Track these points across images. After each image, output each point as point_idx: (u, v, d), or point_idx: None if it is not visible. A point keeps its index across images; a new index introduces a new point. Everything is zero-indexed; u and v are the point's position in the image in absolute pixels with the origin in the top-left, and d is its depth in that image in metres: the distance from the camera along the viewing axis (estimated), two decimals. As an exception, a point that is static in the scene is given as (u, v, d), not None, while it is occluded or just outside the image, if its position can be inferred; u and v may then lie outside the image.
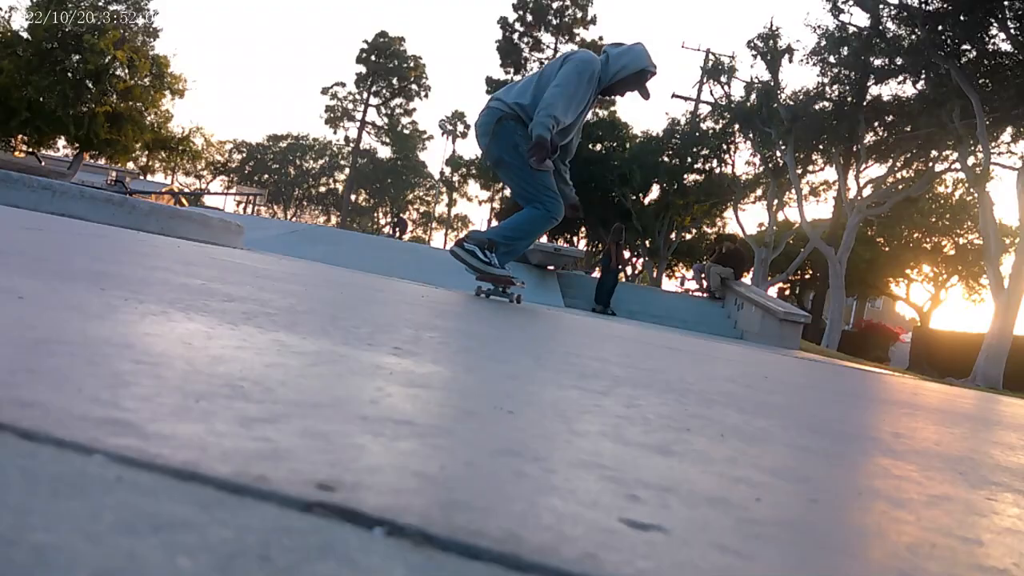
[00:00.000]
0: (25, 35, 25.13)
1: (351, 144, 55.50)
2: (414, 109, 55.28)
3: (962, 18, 16.32)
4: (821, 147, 22.66)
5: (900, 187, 21.80)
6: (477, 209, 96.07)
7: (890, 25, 19.23)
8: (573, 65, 4.36)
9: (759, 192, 27.46)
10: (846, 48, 20.95)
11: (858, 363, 10.58)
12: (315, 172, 61.73)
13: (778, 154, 23.38)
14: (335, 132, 58.89)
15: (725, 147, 27.61)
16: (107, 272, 1.62)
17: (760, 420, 1.23)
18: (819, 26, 21.35)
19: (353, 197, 56.73)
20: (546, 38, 40.41)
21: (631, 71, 4.40)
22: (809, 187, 25.91)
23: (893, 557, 0.53)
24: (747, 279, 16.77)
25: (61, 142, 28.19)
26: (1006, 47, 16.83)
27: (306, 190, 61.28)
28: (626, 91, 4.53)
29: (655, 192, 30.00)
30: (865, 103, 21.15)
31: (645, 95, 4.56)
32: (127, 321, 0.97)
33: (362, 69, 53.60)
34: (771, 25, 23.50)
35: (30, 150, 25.99)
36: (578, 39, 40.54)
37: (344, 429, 0.60)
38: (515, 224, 4.51)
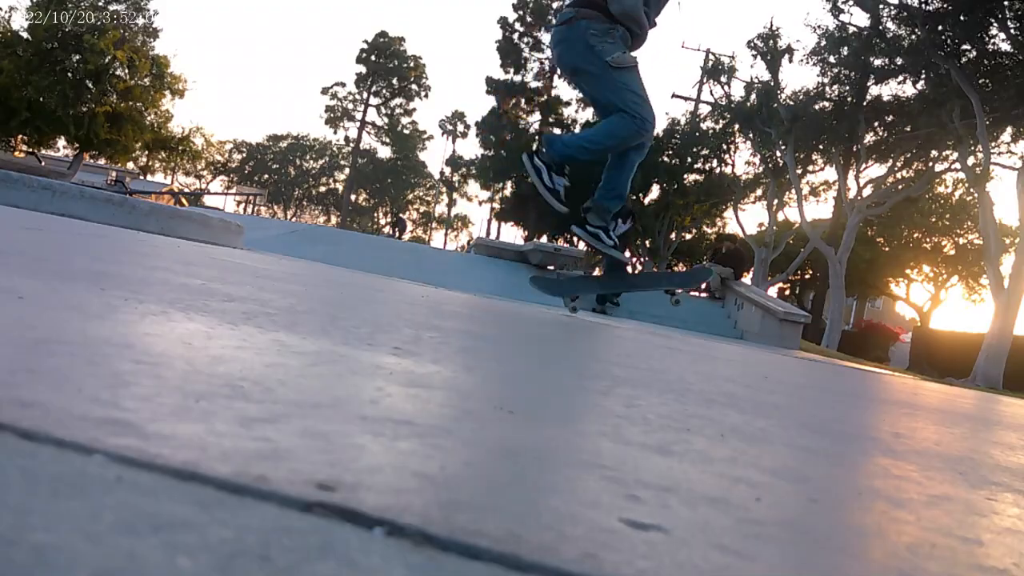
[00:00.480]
0: (25, 35, 25.14)
1: (351, 144, 55.52)
2: (414, 109, 55.29)
3: (962, 18, 16.32)
4: (821, 147, 22.67)
5: (900, 187, 21.81)
6: (477, 209, 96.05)
7: (890, 25, 19.25)
8: None
9: (759, 192, 27.46)
10: (846, 48, 20.96)
11: (858, 363, 10.58)
12: (315, 172, 61.74)
13: (778, 154, 23.39)
14: (335, 132, 58.92)
15: (725, 147, 27.62)
16: (107, 272, 1.62)
17: (760, 420, 1.23)
18: (819, 26, 21.36)
19: (353, 197, 56.75)
20: (546, 38, 40.38)
21: None
22: (809, 187, 25.92)
23: (893, 557, 0.53)
24: (747, 279, 16.77)
25: (61, 142, 28.20)
26: (1006, 47, 16.84)
27: (306, 190, 61.30)
28: None
29: (655, 192, 30.00)
30: (865, 103, 21.16)
31: None
32: (127, 321, 0.97)
33: (362, 69, 53.62)
34: (771, 25, 23.56)
35: (30, 150, 26.00)
36: (578, 39, 40.42)
37: (344, 429, 0.60)
38: (595, 132, 3.85)
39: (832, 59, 21.43)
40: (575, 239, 33.34)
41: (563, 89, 40.87)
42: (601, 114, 3.88)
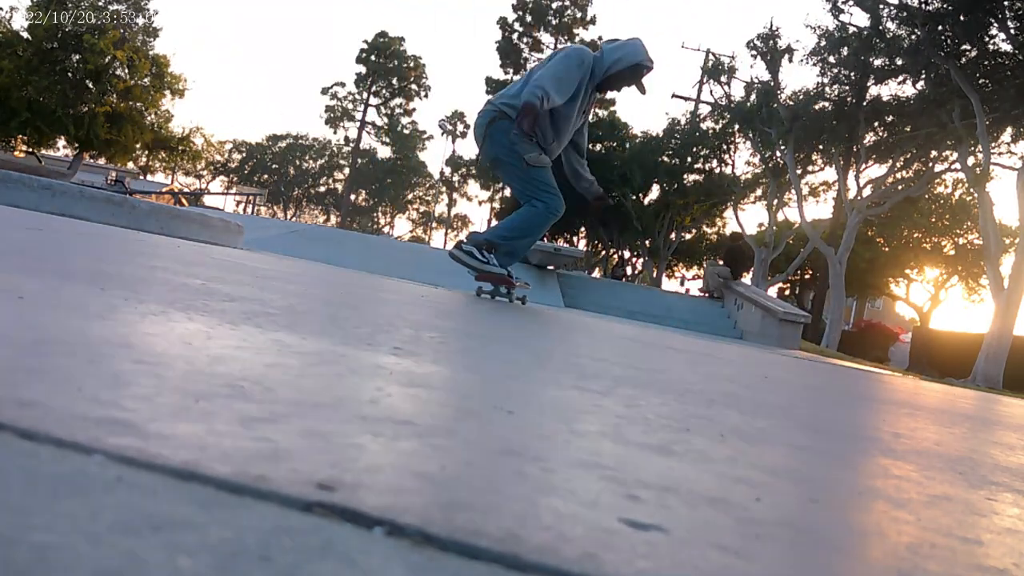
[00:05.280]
0: (25, 35, 25.14)
1: (351, 144, 55.50)
2: (414, 109, 55.26)
3: (962, 18, 16.32)
4: (821, 147, 22.68)
5: (900, 187, 21.82)
6: (477, 209, 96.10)
7: (890, 25, 19.24)
8: (562, 54, 4.44)
9: (759, 192, 27.46)
10: (846, 48, 20.95)
11: (858, 363, 10.58)
12: (315, 172, 61.73)
13: (778, 154, 23.40)
14: (335, 132, 58.99)
15: (725, 147, 27.61)
16: (107, 272, 1.62)
17: (760, 420, 1.23)
18: (819, 26, 21.35)
19: (353, 197, 56.73)
20: (546, 38, 40.44)
21: (626, 64, 4.39)
22: (809, 187, 25.93)
23: (893, 557, 0.53)
24: (747, 279, 16.78)
25: (61, 142, 28.20)
26: (1006, 47, 16.84)
27: (306, 190, 61.29)
28: (622, 86, 4.52)
29: (655, 192, 29.99)
30: (865, 103, 21.15)
31: (642, 90, 4.57)
32: (127, 321, 0.97)
33: (362, 69, 53.59)
34: (771, 25, 23.51)
35: (30, 150, 26.00)
36: (578, 39, 40.53)
37: (344, 429, 0.60)
38: (512, 223, 4.49)
39: (832, 59, 21.43)
40: (575, 239, 33.34)
41: (563, 89, 40.70)
42: (517, 197, 4.49)
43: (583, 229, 32.88)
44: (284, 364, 0.87)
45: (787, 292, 33.80)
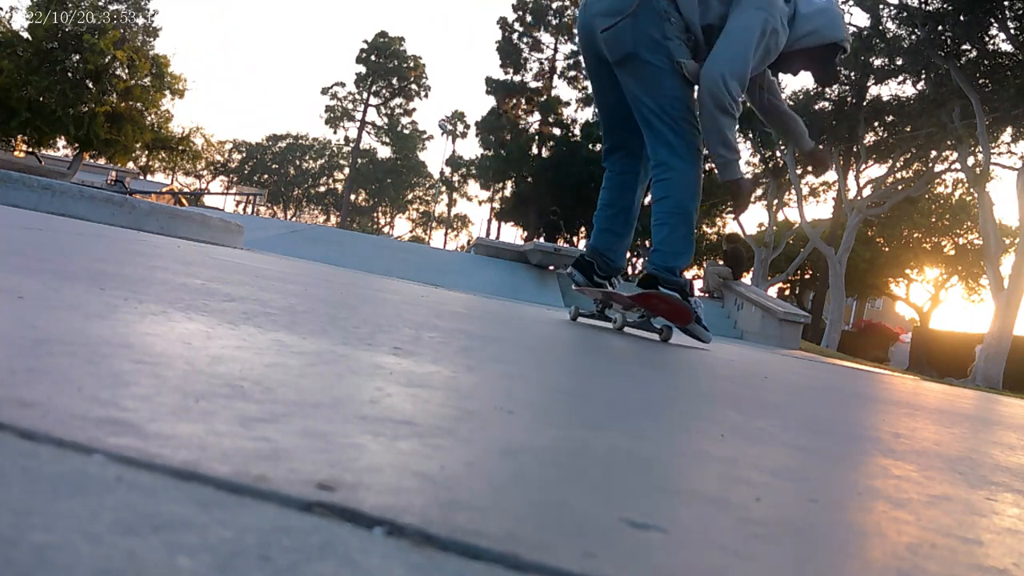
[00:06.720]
0: (25, 35, 25.17)
1: (351, 144, 55.53)
2: (414, 109, 55.32)
3: (962, 18, 16.33)
4: (821, 147, 22.71)
5: (900, 187, 21.83)
6: (477, 209, 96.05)
7: (890, 25, 19.25)
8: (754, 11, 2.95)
9: (759, 192, 27.48)
10: (846, 48, 20.97)
11: (858, 363, 10.58)
12: (315, 172, 61.77)
13: (778, 154, 23.40)
14: (335, 132, 59.11)
15: (725, 147, 27.57)
16: (107, 272, 1.62)
17: (760, 420, 1.22)
18: (819, 26, 21.33)
19: (353, 197, 56.75)
20: (546, 38, 40.45)
21: (823, 39, 3.11)
22: (809, 188, 25.94)
23: (893, 557, 0.53)
24: (747, 279, 16.79)
25: (61, 142, 28.22)
26: (1006, 47, 16.86)
27: (306, 190, 61.33)
28: (803, 68, 3.27)
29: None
30: (865, 103, 21.17)
31: (828, 79, 3.33)
32: (127, 321, 0.97)
33: (362, 69, 53.62)
34: (771, 25, 23.50)
35: (30, 150, 26.02)
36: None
37: (344, 429, 0.60)
38: (673, 215, 3.10)
39: (832, 59, 21.43)
40: (575, 239, 33.30)
41: (562, 89, 40.84)
42: (642, 120, 3.14)
43: (583, 229, 32.87)
44: (284, 364, 0.87)
45: (787, 292, 33.81)
